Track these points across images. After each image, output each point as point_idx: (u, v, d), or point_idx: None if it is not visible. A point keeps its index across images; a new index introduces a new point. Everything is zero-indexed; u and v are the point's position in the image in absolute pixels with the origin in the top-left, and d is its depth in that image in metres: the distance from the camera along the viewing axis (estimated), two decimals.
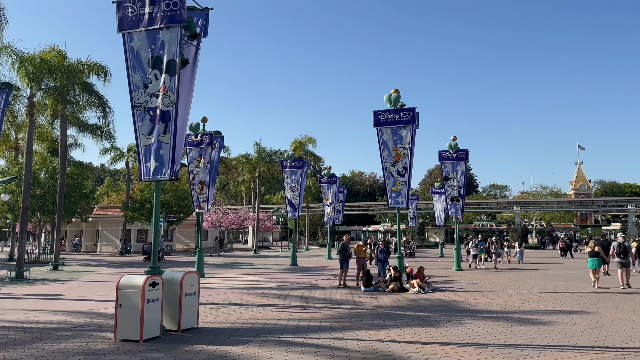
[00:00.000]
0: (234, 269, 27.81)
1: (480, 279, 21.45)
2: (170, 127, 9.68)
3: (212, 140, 22.38)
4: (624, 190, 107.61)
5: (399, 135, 18.10)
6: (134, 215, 43.28)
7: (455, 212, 27.23)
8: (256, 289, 17.50)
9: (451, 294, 16.28)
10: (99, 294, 16.33)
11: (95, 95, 26.96)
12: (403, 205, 18.39)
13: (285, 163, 30.26)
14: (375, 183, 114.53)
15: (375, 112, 18.30)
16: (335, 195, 38.88)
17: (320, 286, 18.61)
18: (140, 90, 9.95)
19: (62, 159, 26.46)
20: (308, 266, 29.79)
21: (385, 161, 18.37)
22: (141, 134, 9.94)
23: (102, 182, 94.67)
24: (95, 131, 31.00)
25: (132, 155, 46.99)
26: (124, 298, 8.96)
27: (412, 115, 17.86)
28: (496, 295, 16.18)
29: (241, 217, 59.58)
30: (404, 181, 18.18)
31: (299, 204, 30.20)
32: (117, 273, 24.68)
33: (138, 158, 9.94)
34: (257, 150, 51.15)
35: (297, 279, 21.30)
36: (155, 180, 9.83)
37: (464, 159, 26.75)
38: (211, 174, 22.81)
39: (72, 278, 22.00)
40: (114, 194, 68.17)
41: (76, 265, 30.32)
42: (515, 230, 63.66)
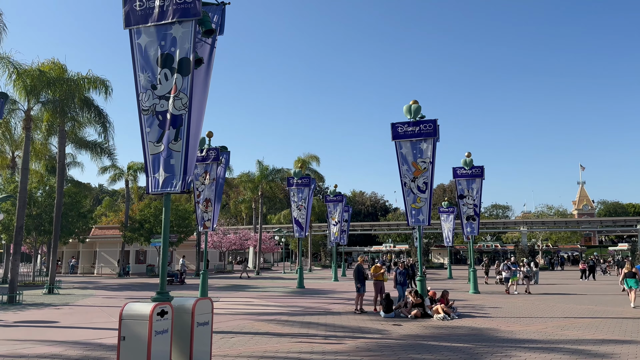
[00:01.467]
0: (239, 291, 26.42)
1: (503, 303, 20.14)
2: (182, 134, 8.54)
3: (218, 156, 21.25)
4: (627, 211, 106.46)
5: (419, 149, 17.00)
6: (133, 235, 41.89)
7: (472, 231, 26.00)
8: (267, 315, 16.18)
9: (480, 321, 15.00)
10: (96, 321, 15.00)
11: (95, 111, 25.91)
12: (424, 224, 17.19)
13: (292, 180, 29.13)
14: (376, 203, 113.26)
15: (394, 125, 17.23)
16: (342, 214, 37.68)
17: (335, 311, 17.29)
18: (148, 92, 8.84)
19: (59, 176, 25.26)
20: (316, 289, 28.43)
21: (404, 176, 17.23)
22: (149, 142, 8.79)
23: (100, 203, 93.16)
24: (94, 148, 29.88)
25: (132, 174, 45.83)
26: (128, 329, 7.70)
27: (433, 127, 16.79)
28: (529, 321, 14.90)
29: (242, 238, 58.16)
30: (424, 198, 17.02)
31: (306, 223, 28.98)
32: (116, 297, 23.31)
33: (145, 169, 8.78)
34: (259, 169, 50.02)
35: (308, 303, 19.97)
36: (165, 194, 8.66)
37: (479, 176, 25.63)
38: (217, 191, 21.62)
39: (68, 302, 20.63)
40: (113, 214, 66.71)
41: (73, 288, 28.91)
42: (522, 250, 62.24)
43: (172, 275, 32.19)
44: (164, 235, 8.63)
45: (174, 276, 32.22)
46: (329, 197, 37.09)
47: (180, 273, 33.07)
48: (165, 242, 8.59)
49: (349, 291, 26.37)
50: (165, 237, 8.62)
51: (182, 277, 32.78)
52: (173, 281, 31.79)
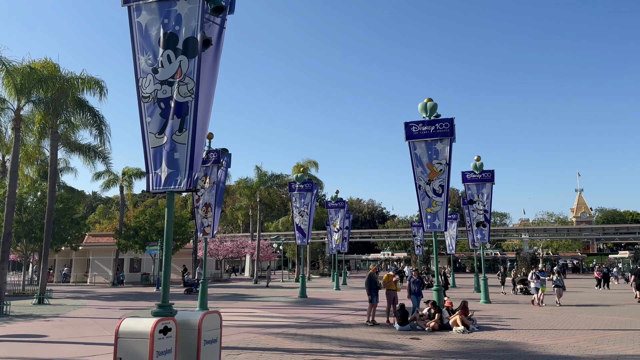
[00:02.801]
0: (239, 301, 25.22)
1: (520, 314, 19.08)
2: (187, 123, 7.47)
3: (219, 159, 20.20)
4: (625, 218, 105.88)
5: (435, 150, 15.97)
6: (128, 243, 40.60)
7: (482, 238, 24.97)
8: (273, 327, 15.04)
9: (503, 334, 13.92)
10: (89, 335, 13.81)
11: (90, 112, 24.77)
12: (440, 230, 16.14)
13: (294, 185, 28.03)
14: (373, 210, 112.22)
15: (407, 124, 16.21)
16: (343, 221, 36.59)
17: (345, 323, 16.16)
18: (148, 77, 7.77)
19: (51, 180, 24.07)
20: (318, 298, 27.25)
21: (418, 179, 16.19)
22: (149, 133, 7.71)
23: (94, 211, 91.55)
24: (87, 152, 28.67)
25: (127, 179, 44.57)
26: (125, 350, 6.60)
27: (449, 126, 15.78)
28: (555, 334, 13.85)
29: (239, 246, 56.89)
30: (441, 202, 15.98)
31: (308, 229, 27.86)
32: (110, 307, 22.08)
33: (146, 164, 7.69)
34: (258, 174, 48.89)
35: (314, 314, 18.82)
36: (168, 192, 7.56)
37: (490, 180, 24.64)
38: (217, 196, 20.54)
39: (59, 313, 19.39)
40: (107, 221, 65.30)
41: (64, 298, 27.62)
42: (524, 258, 61.24)
43: (190, 285, 30.62)
44: (167, 239, 7.53)
45: (192, 285, 30.62)
46: (331, 203, 36.01)
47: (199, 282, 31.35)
48: (168, 247, 7.50)
49: (354, 301, 25.26)
50: (167, 241, 7.52)
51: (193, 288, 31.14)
52: (192, 290, 30.22)
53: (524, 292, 29.15)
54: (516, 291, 30.05)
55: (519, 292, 29.57)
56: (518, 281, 30.58)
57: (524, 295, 28.30)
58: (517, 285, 30.29)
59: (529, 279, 23.81)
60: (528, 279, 23.79)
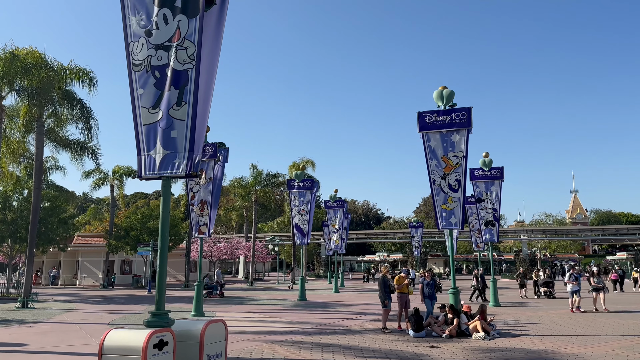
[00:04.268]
0: (236, 305, 23.93)
1: (536, 317, 17.97)
2: (187, 95, 6.26)
3: (215, 153, 18.94)
4: (620, 220, 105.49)
5: (450, 142, 14.81)
6: (118, 244, 39.15)
7: (491, 238, 23.87)
8: (276, 334, 13.79)
9: (528, 340, 12.77)
10: (73, 343, 12.50)
11: (78, 104, 23.41)
12: (457, 228, 14.96)
13: (293, 183, 26.79)
14: (368, 211, 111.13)
15: (421, 114, 15.04)
16: (342, 221, 35.41)
17: (353, 329, 14.94)
18: (140, 41, 6.55)
19: (36, 176, 22.69)
20: (319, 301, 26.01)
21: (433, 173, 15.01)
22: (141, 107, 6.49)
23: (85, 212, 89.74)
24: (76, 148, 27.26)
25: (117, 178, 43.11)
26: None
27: (466, 116, 14.63)
28: (586, 341, 12.72)
29: (233, 247, 55.59)
30: (457, 197, 14.81)
31: (308, 229, 26.62)
32: (99, 311, 20.74)
33: (137, 145, 6.47)
34: (253, 173, 47.55)
35: (318, 319, 17.59)
36: (164, 178, 6.33)
37: (499, 178, 23.54)
38: (214, 193, 19.27)
39: (43, 318, 18.02)
40: (97, 222, 63.63)
41: (51, 301, 26.22)
42: (523, 260, 60.32)
43: (210, 288, 29.03)
44: (162, 234, 6.31)
45: (212, 288, 29.01)
46: (329, 202, 34.79)
47: (220, 285, 29.78)
48: (164, 242, 6.26)
49: (356, 304, 24.07)
50: (163, 237, 6.29)
51: (221, 290, 29.54)
52: (212, 293, 28.71)
53: (548, 295, 27.28)
54: (539, 294, 28.31)
55: (543, 295, 27.66)
56: (541, 283, 28.67)
57: (549, 299, 26.59)
58: (541, 287, 28.43)
59: (566, 281, 21.05)
60: (565, 280, 20.92)
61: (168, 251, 27.32)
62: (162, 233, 6.26)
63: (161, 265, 6.26)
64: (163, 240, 6.25)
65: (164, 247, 6.29)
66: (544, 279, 28.97)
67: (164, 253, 6.31)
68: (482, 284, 25.33)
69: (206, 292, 28.75)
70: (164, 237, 6.28)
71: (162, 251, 6.28)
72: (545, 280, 28.79)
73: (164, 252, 6.31)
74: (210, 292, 28.75)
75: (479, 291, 25.61)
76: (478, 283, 25.66)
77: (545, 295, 27.62)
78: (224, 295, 28.89)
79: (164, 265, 6.27)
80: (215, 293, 28.80)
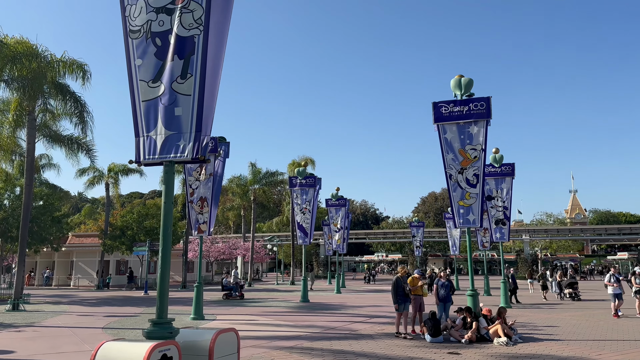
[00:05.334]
0: (237, 307, 22.98)
1: (554, 320, 17.11)
2: (193, 66, 5.33)
3: (216, 147, 17.99)
4: (619, 219, 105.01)
5: (468, 134, 13.91)
6: (114, 244, 38.10)
7: (501, 237, 23.02)
8: (282, 339, 12.86)
9: (554, 346, 11.89)
10: (65, 349, 11.55)
11: (71, 98, 22.42)
12: (475, 225, 14.08)
13: (295, 180, 25.86)
14: (366, 211, 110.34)
15: (436, 104, 14.14)
16: (344, 220, 34.51)
17: (364, 333, 14.02)
18: (138, 4, 5.64)
19: (28, 172, 21.67)
20: (322, 303, 25.08)
21: (449, 167, 14.11)
22: (140, 81, 5.56)
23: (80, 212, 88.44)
24: (70, 144, 26.23)
25: (113, 176, 42.06)
26: None
27: (485, 106, 13.74)
28: (617, 346, 11.85)
29: (231, 247, 54.53)
30: (475, 193, 13.92)
31: (310, 228, 25.68)
32: (93, 314, 19.76)
33: (135, 125, 5.54)
34: (252, 172, 46.56)
35: (324, 322, 16.66)
36: (166, 163, 5.39)
37: (510, 174, 22.69)
38: (214, 189, 18.33)
39: (34, 322, 17.03)
40: (92, 221, 62.54)
41: (43, 303, 25.22)
42: (525, 260, 59.54)
43: (229, 289, 27.86)
44: (165, 229, 5.37)
45: (232, 289, 27.76)
46: (331, 200, 33.89)
47: (239, 285, 28.40)
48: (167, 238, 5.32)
49: (362, 305, 23.17)
50: (166, 232, 5.35)
51: (241, 291, 28.22)
52: (231, 294, 27.46)
53: (574, 297, 25.83)
54: (562, 296, 26.71)
55: (567, 297, 26.23)
56: (565, 284, 26.92)
57: (574, 301, 25.13)
58: (565, 289, 26.75)
59: (606, 282, 19.08)
60: (605, 282, 19.07)
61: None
62: (165, 227, 5.34)
63: (163, 265, 5.33)
64: (165, 235, 5.33)
65: (167, 244, 5.37)
66: (568, 280, 27.23)
67: (167, 250, 5.39)
68: (514, 285, 24.13)
69: (225, 293, 27.69)
70: (167, 232, 5.36)
71: (165, 248, 5.36)
72: (570, 280, 27.06)
73: (166, 250, 5.38)
74: (229, 293, 27.57)
75: (510, 292, 24.47)
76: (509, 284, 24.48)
77: (570, 297, 26.05)
78: (243, 297, 27.73)
79: (166, 265, 5.34)
80: (234, 294, 27.64)
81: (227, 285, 28.17)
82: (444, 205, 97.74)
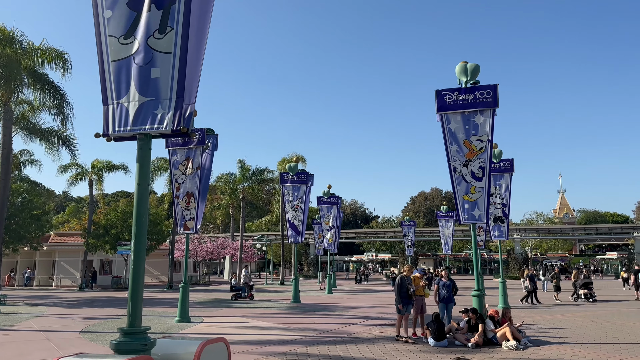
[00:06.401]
0: (225, 308, 21.95)
1: (558, 321, 16.34)
2: (175, 18, 4.38)
3: (203, 139, 16.93)
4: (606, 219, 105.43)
5: (474, 124, 13.05)
6: (97, 243, 36.82)
7: (500, 235, 22.17)
8: (275, 344, 11.88)
9: (566, 350, 11.07)
10: (34, 357, 10.48)
11: (50, 88, 21.27)
12: (481, 222, 13.23)
13: (286, 177, 24.89)
14: (356, 211, 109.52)
15: (440, 92, 13.25)
16: (336, 218, 33.60)
17: (362, 337, 13.10)
18: None
19: (4, 166, 20.46)
20: (314, 304, 24.14)
21: (453, 160, 13.24)
22: (109, 37, 4.61)
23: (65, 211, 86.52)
24: (50, 137, 25.02)
25: (96, 173, 40.72)
26: None
27: (492, 94, 12.88)
28: (633, 350, 11.06)
29: (219, 246, 53.42)
30: (481, 187, 13.06)
31: (302, 226, 24.73)
32: (72, 316, 18.64)
33: (102, 90, 4.54)
34: (240, 169, 45.45)
35: (318, 325, 15.71)
36: (140, 136, 4.41)
37: (509, 170, 21.86)
38: (202, 184, 17.28)
39: (6, 325, 15.88)
40: (75, 220, 61.01)
41: (21, 304, 24.03)
42: (515, 259, 59.12)
43: (238, 289, 26.63)
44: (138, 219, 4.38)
45: (240, 290, 26.63)
46: (323, 198, 32.93)
47: (249, 286, 27.23)
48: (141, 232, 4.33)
49: (355, 306, 22.27)
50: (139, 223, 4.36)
51: (250, 291, 27.05)
52: (240, 295, 26.39)
53: (589, 298, 24.47)
54: (577, 297, 25.10)
55: (582, 298, 24.74)
56: (580, 285, 25.21)
57: (589, 302, 23.88)
58: (580, 289, 25.11)
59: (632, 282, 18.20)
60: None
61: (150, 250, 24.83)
62: (138, 215, 4.36)
63: (137, 262, 4.35)
64: (139, 225, 4.35)
65: (140, 237, 4.40)
66: (583, 280, 25.51)
67: (141, 245, 4.41)
68: (534, 286, 23.20)
69: (233, 294, 26.58)
70: (140, 221, 4.38)
71: (138, 242, 4.38)
72: (585, 280, 25.42)
73: (140, 245, 4.40)
74: (238, 294, 26.48)
75: (529, 293, 23.61)
76: (530, 284, 23.55)
77: (586, 297, 24.63)
78: (253, 298, 26.62)
79: (140, 262, 4.36)
80: (243, 295, 26.54)
81: (236, 286, 27.19)
82: (433, 205, 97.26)
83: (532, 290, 23.44)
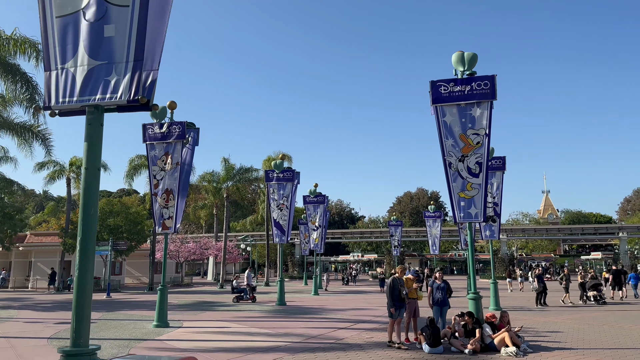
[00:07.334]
0: (206, 311, 21.01)
1: (555, 324, 15.71)
2: None
3: (183, 133, 16.02)
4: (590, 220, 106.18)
5: (470, 117, 12.35)
6: (75, 243, 35.52)
7: (491, 234, 21.67)
8: (259, 352, 11.04)
9: (569, 356, 10.43)
10: None
11: (22, 79, 20.18)
12: (478, 220, 12.53)
13: (272, 174, 24.02)
14: (342, 211, 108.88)
15: (434, 83, 12.53)
16: (323, 218, 32.81)
17: (352, 342, 12.31)
18: None
19: None
20: (300, 306, 23.32)
21: (448, 155, 12.52)
22: None
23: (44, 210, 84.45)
24: (22, 132, 23.85)
25: (75, 171, 39.39)
26: None
27: (490, 86, 12.19)
28: (637, 355, 10.43)
29: (202, 247, 52.27)
30: (477, 184, 12.37)
31: (288, 226, 23.90)
32: (43, 320, 17.56)
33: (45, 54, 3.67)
34: (225, 167, 44.43)
35: (305, 329, 14.88)
36: (89, 108, 3.54)
37: (500, 169, 21.36)
38: (181, 181, 16.36)
39: None
40: (54, 220, 59.38)
41: None
42: (502, 259, 58.90)
43: (240, 291, 25.80)
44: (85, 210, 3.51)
45: (242, 292, 25.84)
46: (309, 197, 32.08)
47: (251, 288, 26.36)
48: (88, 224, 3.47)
49: (343, 309, 21.49)
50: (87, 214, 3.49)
51: (253, 294, 26.17)
52: (242, 298, 25.59)
53: (599, 300, 23.14)
54: (585, 299, 23.65)
55: (592, 300, 23.40)
56: (589, 286, 23.87)
57: (599, 304, 22.70)
58: (589, 291, 23.74)
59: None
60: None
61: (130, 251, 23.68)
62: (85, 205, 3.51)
63: (83, 267, 3.49)
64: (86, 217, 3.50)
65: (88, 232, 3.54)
66: (592, 281, 24.28)
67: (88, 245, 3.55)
68: (543, 287, 22.43)
69: (235, 296, 25.69)
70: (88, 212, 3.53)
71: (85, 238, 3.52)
72: (594, 282, 24.09)
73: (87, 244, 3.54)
74: (240, 296, 25.57)
75: (539, 294, 22.75)
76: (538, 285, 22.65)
77: (595, 300, 23.28)
78: (255, 300, 25.68)
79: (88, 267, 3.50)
80: (245, 297, 25.61)
81: (238, 288, 26.30)
82: (419, 205, 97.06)
83: (542, 291, 22.55)
